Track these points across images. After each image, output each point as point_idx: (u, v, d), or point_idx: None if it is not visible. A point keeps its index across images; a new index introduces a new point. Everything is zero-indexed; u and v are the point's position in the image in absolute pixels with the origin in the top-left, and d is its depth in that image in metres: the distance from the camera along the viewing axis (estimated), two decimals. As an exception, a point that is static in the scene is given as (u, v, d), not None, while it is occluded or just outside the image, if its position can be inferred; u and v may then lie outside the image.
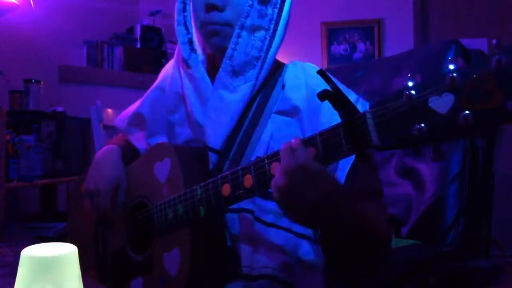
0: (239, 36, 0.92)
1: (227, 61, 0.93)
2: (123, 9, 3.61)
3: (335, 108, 0.65)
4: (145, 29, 3.49)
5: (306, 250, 0.85)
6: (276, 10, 0.94)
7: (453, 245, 1.04)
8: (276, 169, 0.70)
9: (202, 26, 0.95)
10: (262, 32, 0.93)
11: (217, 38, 0.94)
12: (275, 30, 0.95)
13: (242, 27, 0.92)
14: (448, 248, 1.02)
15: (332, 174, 0.70)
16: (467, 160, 1.08)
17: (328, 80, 0.66)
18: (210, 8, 0.92)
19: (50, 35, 3.00)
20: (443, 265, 0.90)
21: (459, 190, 1.07)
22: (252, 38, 0.93)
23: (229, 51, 0.93)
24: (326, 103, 0.66)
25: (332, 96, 0.65)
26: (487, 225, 1.11)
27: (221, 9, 0.92)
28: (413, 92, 0.56)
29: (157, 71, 1.26)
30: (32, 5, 2.69)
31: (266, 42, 0.94)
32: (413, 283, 0.82)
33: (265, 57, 0.95)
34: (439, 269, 0.88)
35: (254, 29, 0.93)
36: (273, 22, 0.94)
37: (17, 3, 2.51)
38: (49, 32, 2.99)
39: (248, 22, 0.92)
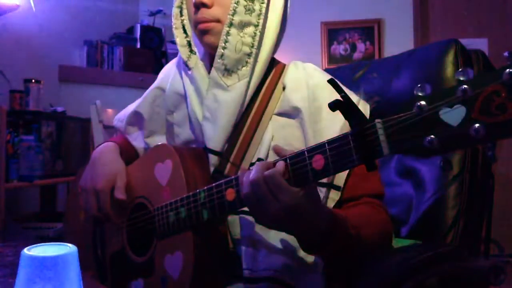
0: (228, 33, 0.92)
1: (219, 60, 0.94)
2: (123, 9, 3.61)
3: (346, 118, 0.65)
4: (145, 29, 3.49)
5: (306, 251, 0.85)
6: (264, 5, 0.94)
7: (453, 245, 1.04)
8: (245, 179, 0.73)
9: (195, 25, 0.96)
10: (252, 28, 0.93)
11: (208, 36, 0.94)
12: (264, 25, 0.95)
13: (231, 24, 0.92)
14: (448, 248, 1.02)
15: (295, 190, 0.71)
16: (467, 160, 1.08)
17: (339, 90, 0.66)
18: (199, 5, 0.93)
19: (50, 35, 3.00)
20: (443, 265, 0.89)
21: (459, 190, 1.07)
22: (242, 34, 0.93)
23: (219, 49, 0.93)
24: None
25: (343, 106, 0.65)
26: (487, 225, 1.11)
27: (209, 6, 0.93)
28: (424, 103, 0.56)
29: (157, 71, 1.26)
30: (33, 5, 2.69)
31: (257, 38, 0.94)
32: (413, 283, 0.82)
33: (257, 53, 0.95)
34: (439, 269, 0.88)
35: (242, 25, 0.93)
36: (262, 17, 0.94)
37: (18, 3, 2.50)
38: (49, 32, 2.99)
39: (236, 18, 0.92)
